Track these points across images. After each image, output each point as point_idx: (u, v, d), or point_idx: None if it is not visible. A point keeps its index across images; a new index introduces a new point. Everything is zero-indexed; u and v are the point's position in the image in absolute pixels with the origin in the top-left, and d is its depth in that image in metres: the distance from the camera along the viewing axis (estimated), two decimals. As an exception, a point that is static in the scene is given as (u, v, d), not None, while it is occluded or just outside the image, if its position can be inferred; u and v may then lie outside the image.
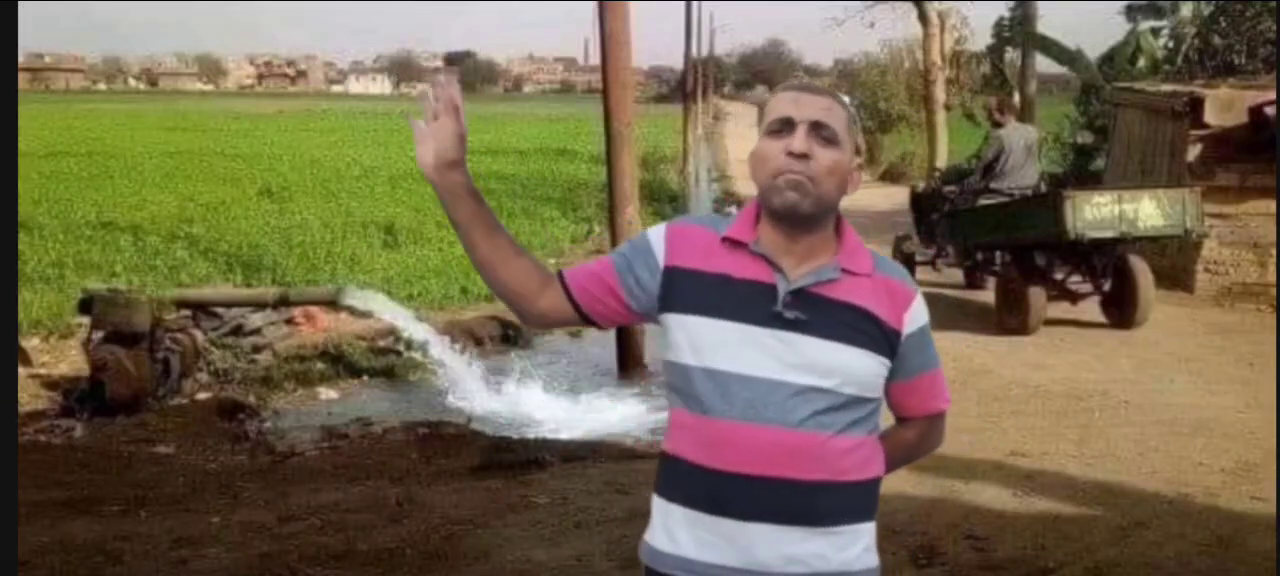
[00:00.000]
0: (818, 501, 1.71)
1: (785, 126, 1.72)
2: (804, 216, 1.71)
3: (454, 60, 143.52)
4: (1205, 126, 9.45)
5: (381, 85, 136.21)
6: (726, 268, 1.74)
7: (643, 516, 4.80)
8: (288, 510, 4.93)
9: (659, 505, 1.80)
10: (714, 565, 1.71)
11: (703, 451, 1.72)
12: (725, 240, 1.76)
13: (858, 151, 1.78)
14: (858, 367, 1.72)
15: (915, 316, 1.79)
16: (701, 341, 1.72)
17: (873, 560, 1.78)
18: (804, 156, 1.69)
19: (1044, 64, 18.70)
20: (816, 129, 1.71)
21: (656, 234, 1.81)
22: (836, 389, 1.70)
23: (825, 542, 1.72)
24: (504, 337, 9.48)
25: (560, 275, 1.83)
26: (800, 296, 1.71)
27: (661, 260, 1.78)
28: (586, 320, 1.85)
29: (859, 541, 1.76)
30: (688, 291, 1.74)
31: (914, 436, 1.91)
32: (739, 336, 1.70)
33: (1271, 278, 9.14)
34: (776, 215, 1.73)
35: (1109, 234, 7.61)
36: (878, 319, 1.74)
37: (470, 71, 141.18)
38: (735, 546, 1.70)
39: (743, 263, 1.74)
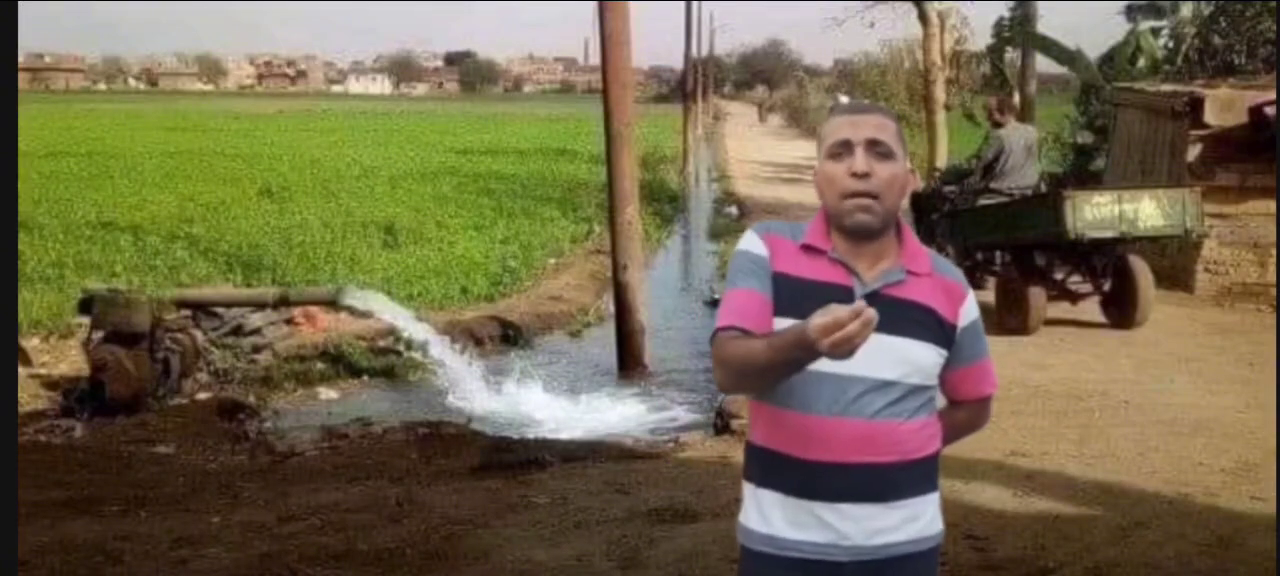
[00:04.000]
0: (893, 479, 1.94)
1: (845, 148, 1.93)
2: (873, 231, 1.92)
3: (454, 60, 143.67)
4: (1205, 126, 9.45)
5: (381, 85, 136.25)
6: (810, 272, 1.95)
7: (642, 516, 4.82)
8: (288, 510, 4.93)
9: (750, 490, 2.02)
10: (805, 542, 1.94)
11: (793, 443, 1.93)
12: (804, 247, 1.97)
13: (908, 157, 1.97)
14: (923, 359, 1.95)
15: (969, 311, 2.03)
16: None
17: (939, 526, 2.03)
18: (866, 176, 1.90)
19: (1044, 64, 18.73)
20: (873, 146, 1.92)
21: (757, 244, 1.99)
22: (904, 380, 1.92)
23: (900, 514, 1.95)
24: (504, 337, 9.49)
25: (739, 329, 1.89)
26: (874, 297, 1.89)
27: (770, 265, 1.96)
28: None
29: (927, 511, 2.00)
30: (783, 295, 1.93)
31: (965, 417, 2.17)
32: None
33: (1271, 278, 9.14)
34: (847, 231, 1.93)
35: (1109, 234, 7.61)
36: (938, 315, 1.97)
37: (470, 71, 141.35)
38: (825, 525, 1.93)
39: (822, 267, 1.95)
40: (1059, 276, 8.20)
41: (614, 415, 7.43)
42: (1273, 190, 8.93)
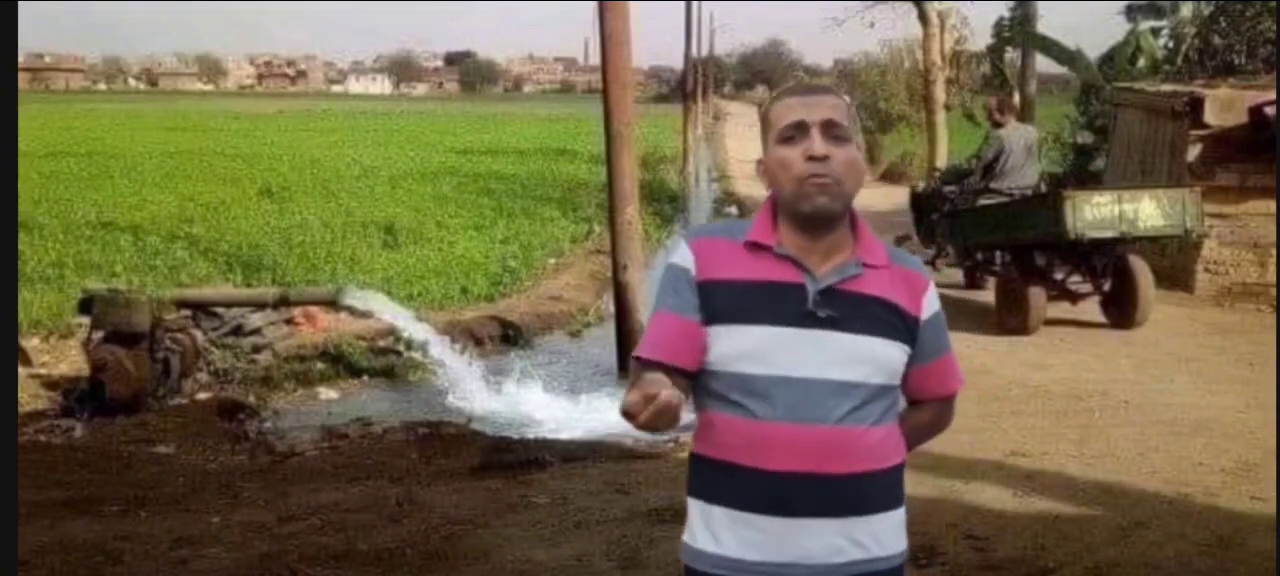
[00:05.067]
0: (859, 491, 1.77)
1: (799, 131, 1.77)
2: (833, 216, 1.77)
3: (454, 60, 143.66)
4: (1205, 126, 9.45)
5: (381, 85, 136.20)
6: (754, 273, 1.78)
7: (642, 516, 4.80)
8: (288, 510, 4.93)
9: (697, 507, 1.84)
10: (760, 563, 1.76)
11: (746, 453, 1.76)
12: (748, 244, 1.81)
13: (859, 146, 1.84)
14: (887, 358, 1.79)
15: (931, 302, 1.87)
16: (740, 348, 1.76)
17: (904, 543, 1.85)
18: (825, 158, 1.75)
19: (1044, 64, 18.72)
20: (829, 128, 1.77)
21: (682, 255, 1.84)
22: (868, 381, 1.77)
23: (865, 530, 1.78)
24: (504, 337, 9.49)
25: (646, 361, 1.80)
26: (829, 294, 1.77)
27: (695, 275, 1.81)
28: (691, 373, 1.81)
29: (893, 526, 1.83)
30: (721, 302, 1.77)
31: (929, 417, 1.97)
32: (776, 340, 1.74)
33: (1271, 278, 9.14)
34: (804, 219, 1.77)
35: (1109, 234, 7.61)
36: (900, 308, 1.81)
37: (470, 71, 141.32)
38: (783, 543, 1.75)
39: (769, 266, 1.79)
40: (1059, 276, 8.20)
41: (614, 415, 7.39)
42: (1273, 190, 8.93)
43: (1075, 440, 5.60)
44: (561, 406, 7.65)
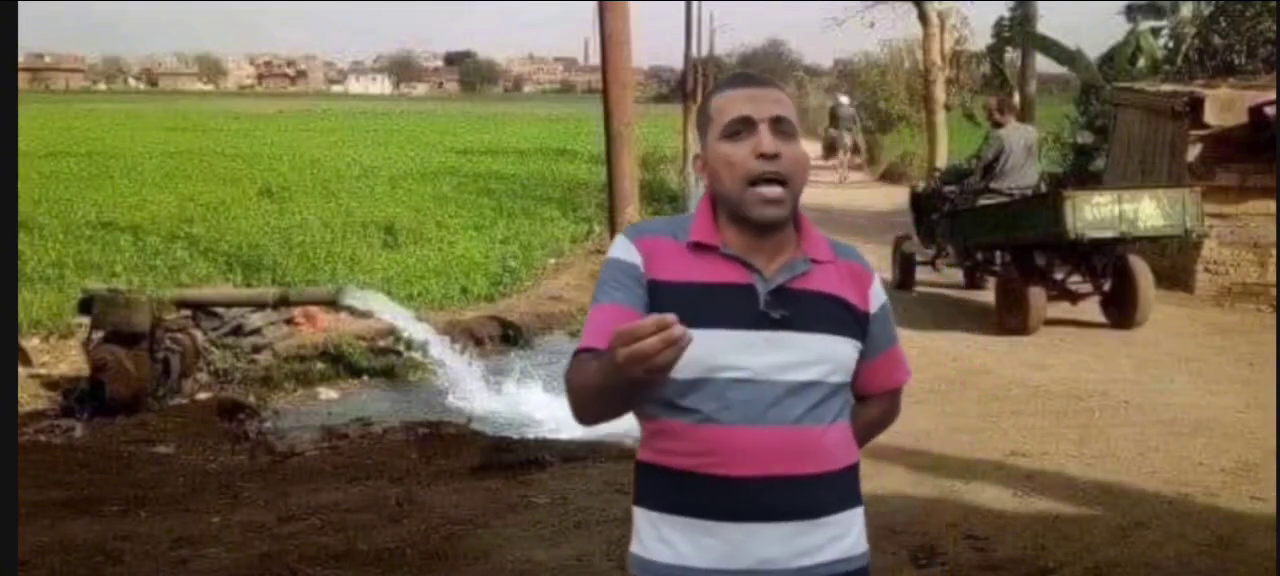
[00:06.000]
0: (819, 494, 1.73)
1: (745, 126, 1.71)
2: (781, 223, 1.72)
3: (454, 60, 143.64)
4: (1205, 126, 9.45)
5: (381, 85, 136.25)
6: (701, 275, 1.72)
7: (643, 516, 4.73)
8: (288, 510, 4.93)
9: (646, 516, 1.76)
10: (723, 570, 1.70)
11: (700, 459, 1.70)
12: (692, 245, 1.74)
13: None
14: (841, 355, 1.75)
15: (877, 294, 1.83)
16: (693, 352, 1.63)
17: (865, 545, 1.82)
18: (775, 156, 1.69)
19: (1044, 64, 18.72)
20: (777, 124, 1.71)
21: (628, 251, 1.76)
22: (825, 379, 1.73)
23: (826, 533, 1.74)
24: (504, 337, 9.48)
25: (594, 352, 1.65)
26: (779, 293, 1.72)
27: (644, 272, 1.74)
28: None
29: (854, 527, 1.79)
30: (670, 304, 1.64)
31: (878, 413, 1.93)
32: (728, 342, 1.69)
33: (1271, 278, 9.14)
34: (752, 222, 1.72)
35: (1109, 234, 7.61)
36: (849, 304, 1.77)
37: (470, 71, 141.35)
38: (743, 549, 1.69)
39: (715, 267, 1.73)
40: (1059, 276, 8.20)
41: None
42: (1273, 190, 8.93)
43: (1075, 440, 5.60)
44: (561, 406, 7.58)
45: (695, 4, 22.63)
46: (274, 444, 6.75)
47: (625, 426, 6.42)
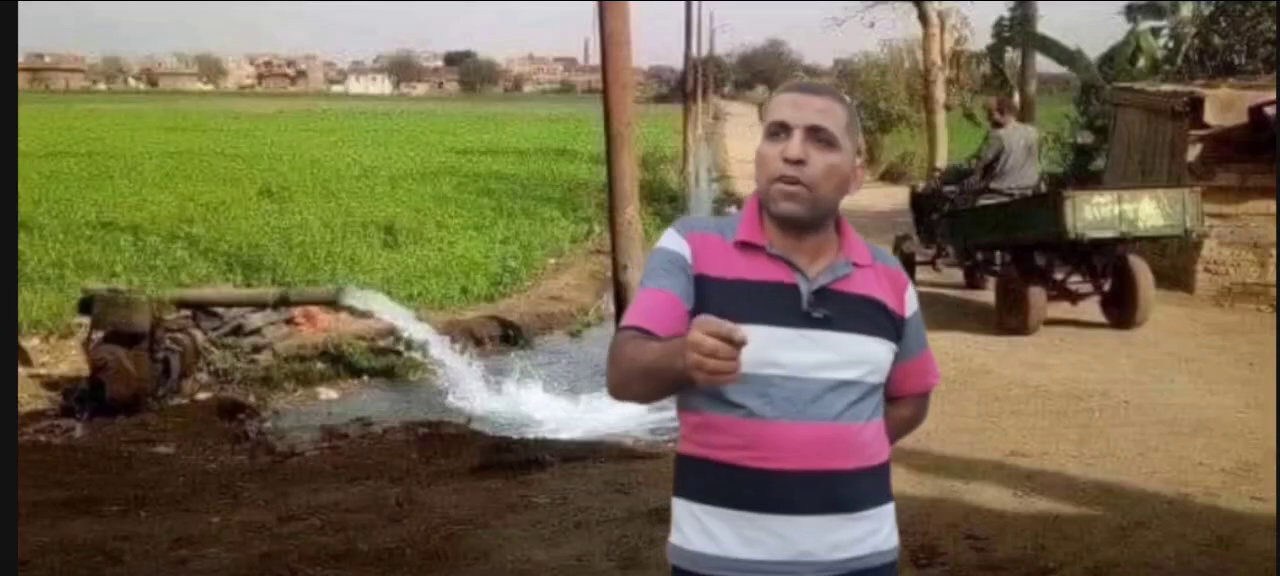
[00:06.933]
0: (855, 488, 1.80)
1: (782, 130, 1.77)
2: (802, 222, 1.78)
3: (454, 60, 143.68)
4: (1205, 126, 9.44)
5: (381, 85, 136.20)
6: (748, 272, 1.79)
7: (642, 516, 4.78)
8: (288, 510, 4.93)
9: (687, 507, 1.82)
10: (765, 561, 1.76)
11: (743, 452, 1.75)
12: (739, 244, 1.81)
13: (858, 151, 1.83)
14: (879, 356, 1.82)
15: (912, 300, 1.91)
16: None
17: (896, 540, 1.89)
18: (799, 162, 1.74)
19: (1044, 64, 18.69)
20: (814, 133, 1.76)
21: (678, 243, 1.81)
22: (864, 379, 1.80)
23: (862, 527, 1.81)
24: (504, 337, 9.50)
25: (641, 330, 1.72)
26: (822, 294, 1.78)
27: (692, 266, 1.79)
28: None
29: (886, 522, 1.87)
30: (717, 300, 1.74)
31: (909, 414, 2.01)
32: (772, 339, 1.73)
33: (1271, 278, 9.13)
34: (776, 220, 1.79)
35: (1109, 234, 7.60)
36: (887, 307, 1.84)
37: (470, 71, 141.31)
38: (784, 540, 1.75)
39: (761, 265, 1.79)
40: (1059, 276, 8.20)
41: (614, 415, 7.42)
42: (1273, 190, 8.93)
43: (1075, 440, 5.60)
44: (561, 406, 7.66)
45: (695, 4, 22.59)
46: (274, 444, 6.76)
47: (625, 426, 6.41)
